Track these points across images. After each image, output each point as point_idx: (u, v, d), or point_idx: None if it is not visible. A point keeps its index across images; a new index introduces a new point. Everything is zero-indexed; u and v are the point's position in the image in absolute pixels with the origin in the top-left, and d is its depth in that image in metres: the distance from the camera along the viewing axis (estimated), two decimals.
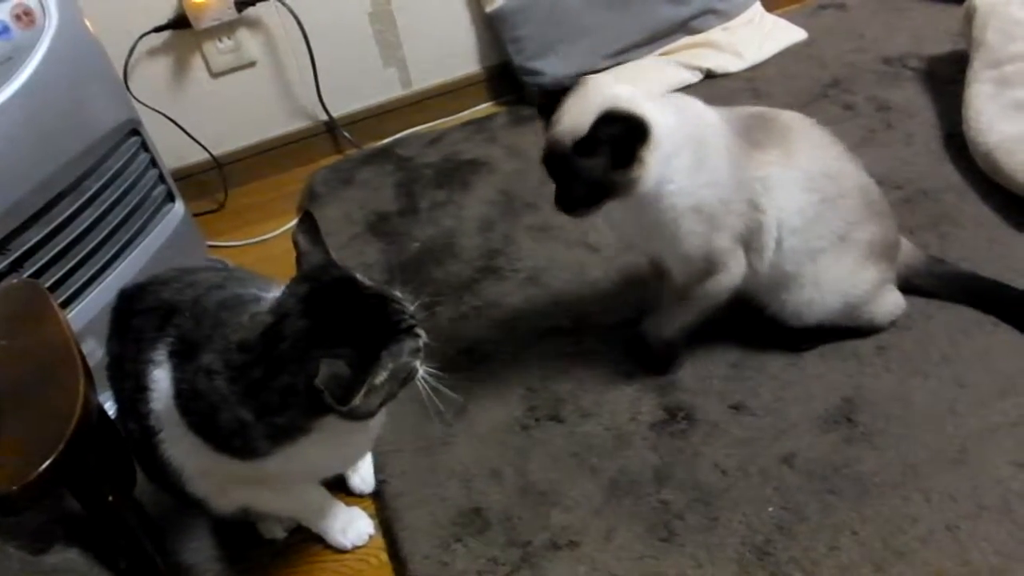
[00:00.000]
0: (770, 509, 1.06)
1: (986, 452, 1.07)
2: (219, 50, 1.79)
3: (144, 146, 1.44)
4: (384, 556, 1.14)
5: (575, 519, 1.10)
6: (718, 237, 1.07)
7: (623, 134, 0.97)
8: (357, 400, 0.83)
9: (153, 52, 1.75)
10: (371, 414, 0.90)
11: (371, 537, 1.16)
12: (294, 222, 1.81)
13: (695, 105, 1.08)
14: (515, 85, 1.99)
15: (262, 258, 1.71)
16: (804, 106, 1.76)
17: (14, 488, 0.77)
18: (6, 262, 1.18)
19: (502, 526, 1.10)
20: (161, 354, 0.94)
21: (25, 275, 1.21)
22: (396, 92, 2.01)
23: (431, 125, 2.02)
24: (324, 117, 1.94)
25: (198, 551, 1.18)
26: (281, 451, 0.91)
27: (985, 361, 1.18)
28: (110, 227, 1.35)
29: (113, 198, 1.35)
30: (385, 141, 1.96)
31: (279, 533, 1.18)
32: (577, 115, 0.99)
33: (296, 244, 0.93)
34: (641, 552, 1.05)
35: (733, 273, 1.11)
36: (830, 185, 1.10)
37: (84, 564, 0.95)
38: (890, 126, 1.67)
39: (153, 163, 1.47)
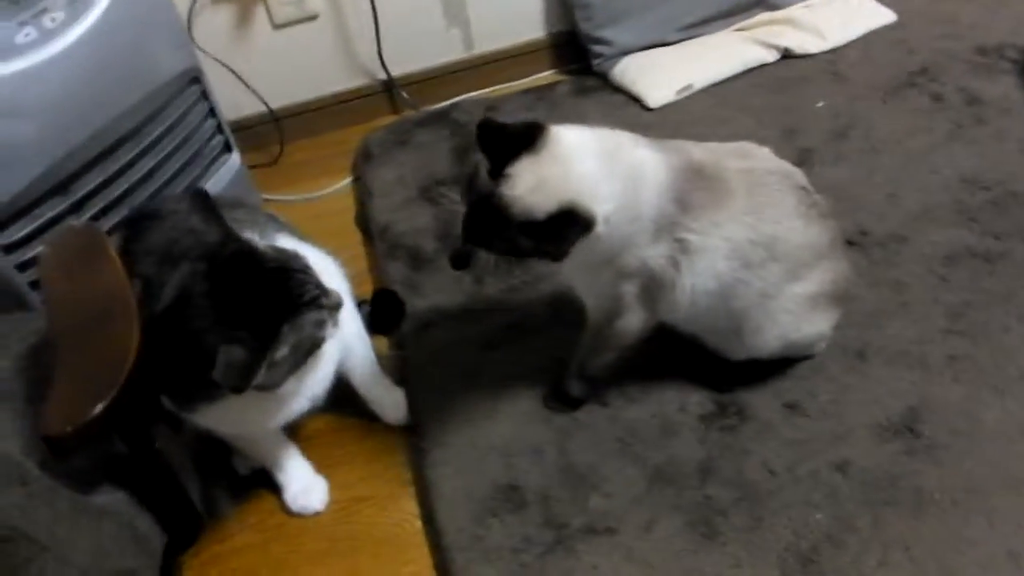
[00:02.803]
0: (818, 516, 1.02)
1: None
2: (282, 1, 1.77)
3: (204, 95, 1.43)
4: (418, 523, 1.15)
5: (614, 505, 1.08)
6: (627, 286, 1.04)
7: (573, 231, 0.93)
8: (258, 379, 0.86)
9: (217, 1, 1.74)
10: (277, 386, 0.93)
11: (317, 513, 1.17)
12: (348, 180, 1.80)
13: (647, 167, 0.99)
14: (580, 54, 1.92)
15: (314, 215, 1.71)
16: (888, 95, 1.67)
17: (68, 429, 0.78)
18: (66, 204, 1.20)
19: (539, 505, 1.09)
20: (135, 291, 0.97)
21: (84, 218, 1.22)
22: (458, 54, 1.96)
23: (491, 90, 1.97)
24: (383, 76, 1.91)
25: (238, 500, 1.20)
26: (203, 409, 0.96)
27: None
28: (168, 175, 1.35)
29: (172, 146, 1.36)
30: (443, 104, 1.92)
31: (243, 470, 1.22)
32: (532, 191, 0.91)
33: (192, 227, 0.92)
34: (680, 546, 1.02)
35: (638, 321, 1.08)
36: (758, 252, 1.02)
37: (130, 507, 0.97)
38: (980, 121, 1.56)
39: (212, 112, 1.46)
